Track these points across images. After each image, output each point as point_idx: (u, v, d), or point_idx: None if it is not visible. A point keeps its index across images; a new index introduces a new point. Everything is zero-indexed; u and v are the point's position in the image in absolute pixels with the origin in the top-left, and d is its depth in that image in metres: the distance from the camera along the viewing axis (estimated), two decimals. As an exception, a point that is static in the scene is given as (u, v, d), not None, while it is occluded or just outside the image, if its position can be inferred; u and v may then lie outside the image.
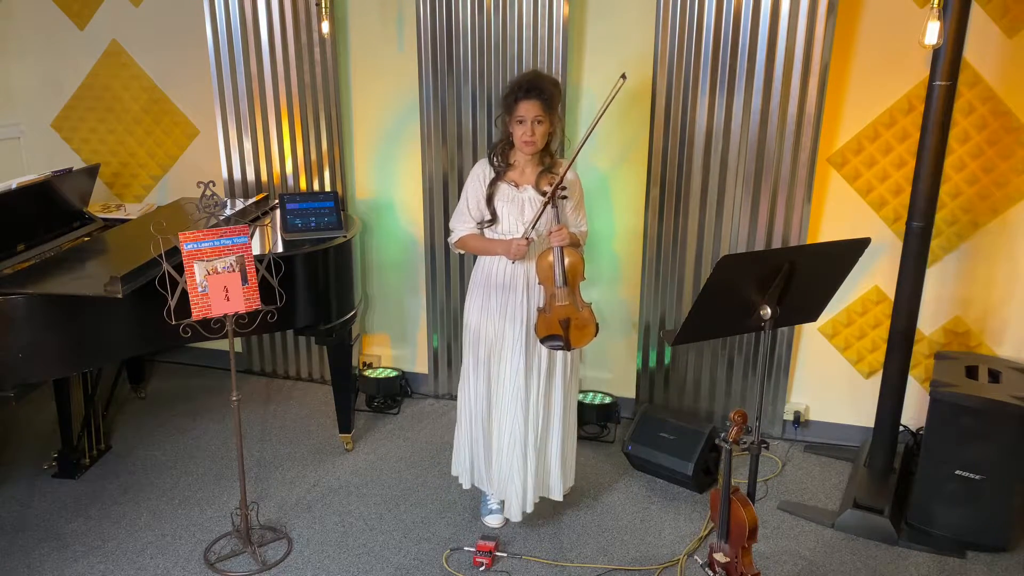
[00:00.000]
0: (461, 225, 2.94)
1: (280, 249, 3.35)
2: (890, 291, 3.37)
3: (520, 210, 2.85)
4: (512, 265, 2.86)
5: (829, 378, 3.78)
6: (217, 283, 2.75)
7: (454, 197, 3.90)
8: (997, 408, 2.94)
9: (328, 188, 4.09)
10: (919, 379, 3.61)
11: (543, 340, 2.84)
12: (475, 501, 3.31)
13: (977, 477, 2.99)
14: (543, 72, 2.96)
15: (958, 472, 3.02)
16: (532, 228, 2.78)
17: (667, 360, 3.89)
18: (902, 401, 3.30)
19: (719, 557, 2.52)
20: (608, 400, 3.95)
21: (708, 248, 3.68)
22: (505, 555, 3.00)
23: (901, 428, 3.40)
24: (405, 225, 4.14)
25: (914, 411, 3.56)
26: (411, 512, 3.28)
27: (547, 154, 2.89)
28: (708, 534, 3.14)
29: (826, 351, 3.76)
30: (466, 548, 3.04)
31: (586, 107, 3.73)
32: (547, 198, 2.73)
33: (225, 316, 2.80)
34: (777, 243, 3.57)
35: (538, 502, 3.09)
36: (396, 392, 4.20)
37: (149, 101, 4.32)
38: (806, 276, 2.40)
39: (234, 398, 2.93)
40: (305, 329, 3.50)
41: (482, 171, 2.90)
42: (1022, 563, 3.01)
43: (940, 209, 3.30)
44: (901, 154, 3.43)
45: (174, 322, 2.71)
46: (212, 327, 2.87)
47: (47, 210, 3.42)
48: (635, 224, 3.79)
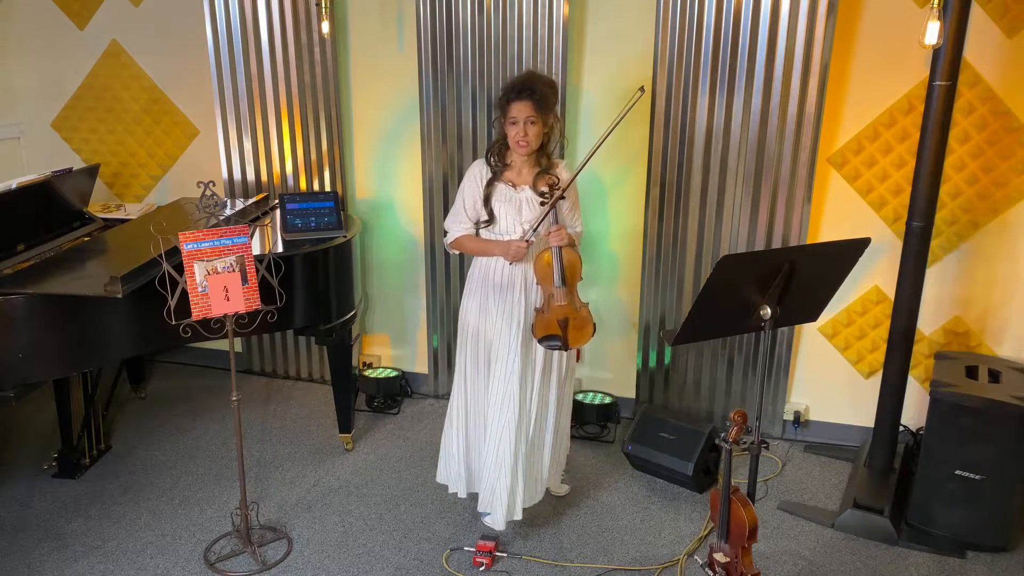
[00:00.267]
0: (457, 226, 2.92)
1: (280, 249, 3.35)
2: (890, 291, 3.37)
3: (517, 210, 2.85)
4: (510, 265, 2.86)
5: (829, 378, 3.78)
6: (217, 283, 2.75)
7: (454, 197, 3.88)
8: (997, 408, 2.94)
9: (328, 188, 4.09)
10: (919, 379, 3.61)
11: (541, 340, 2.84)
12: (475, 501, 3.30)
13: (977, 477, 2.99)
14: (539, 73, 2.95)
15: (958, 472, 3.02)
16: (533, 232, 2.78)
17: (667, 360, 3.89)
18: (902, 401, 3.30)
19: (719, 557, 2.52)
20: (608, 400, 3.94)
21: (708, 248, 3.68)
22: (505, 555, 3.00)
23: (901, 428, 3.40)
24: (405, 225, 4.14)
25: (914, 411, 3.56)
26: (411, 512, 3.28)
27: (543, 154, 2.88)
28: (708, 534, 3.14)
29: (826, 351, 3.76)
30: (466, 548, 3.04)
31: (586, 107, 3.73)
32: (551, 202, 2.74)
33: (225, 316, 2.80)
34: (777, 243, 3.57)
35: (528, 507, 3.04)
36: (396, 392, 4.20)
37: (149, 101, 4.32)
38: (806, 276, 2.40)
39: (234, 398, 2.93)
40: (305, 329, 3.50)
41: (479, 171, 2.90)
42: (1022, 563, 3.01)
43: (940, 209, 3.30)
44: (901, 154, 3.43)
45: (174, 322, 2.71)
46: (212, 327, 2.87)
47: (47, 210, 3.42)
48: (635, 224, 3.79)
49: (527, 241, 2.77)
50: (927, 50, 2.97)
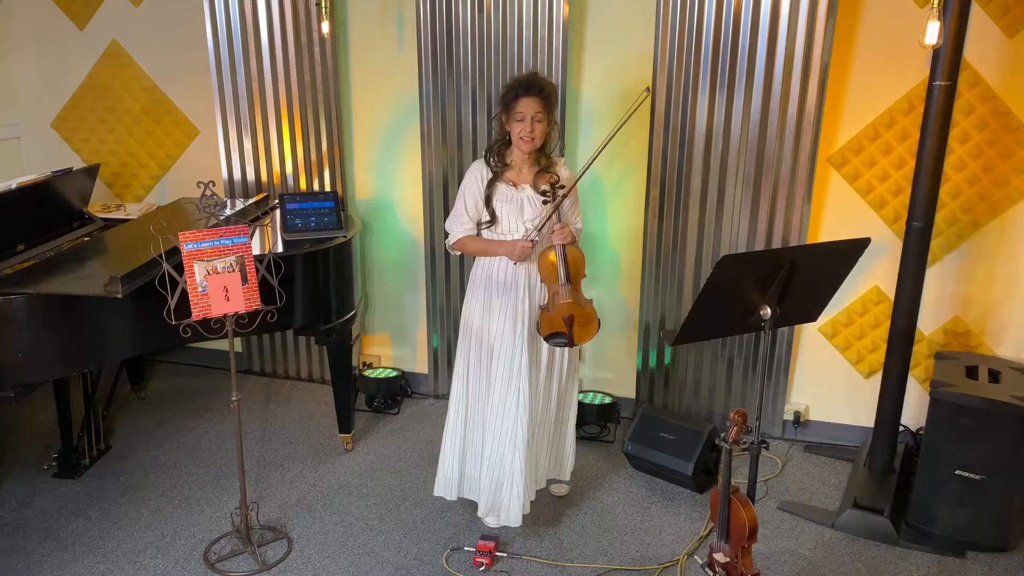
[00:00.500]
0: (459, 227, 2.92)
1: (280, 249, 3.35)
2: (890, 291, 3.37)
3: (519, 210, 2.85)
4: (510, 271, 2.87)
5: (829, 378, 3.78)
6: (217, 283, 2.75)
7: (454, 197, 3.88)
8: (997, 408, 2.94)
9: (328, 188, 4.09)
10: (919, 379, 3.61)
11: (547, 338, 2.85)
12: (468, 505, 3.31)
13: (977, 477, 2.99)
14: (539, 74, 2.98)
15: (958, 472, 3.02)
16: (537, 232, 2.79)
17: (667, 360, 3.89)
18: (902, 401, 3.30)
19: (719, 557, 2.52)
20: (608, 400, 3.95)
21: (708, 248, 3.68)
22: (505, 555, 3.00)
23: (901, 428, 3.40)
24: (405, 225, 4.14)
25: (914, 411, 3.57)
26: (411, 512, 3.28)
27: (543, 154, 2.89)
28: (708, 534, 3.14)
29: (826, 351, 3.76)
30: (466, 548, 3.04)
31: (586, 107, 3.73)
32: (556, 201, 2.75)
33: (225, 316, 2.80)
34: (777, 243, 3.57)
35: (533, 500, 3.06)
36: (396, 392, 4.20)
37: (149, 101, 4.32)
38: (806, 276, 2.40)
39: (234, 398, 2.93)
40: (305, 329, 3.50)
41: (479, 172, 2.90)
42: (1022, 563, 3.01)
43: (940, 209, 3.30)
44: (901, 154, 3.43)
45: (174, 322, 2.71)
46: (212, 327, 2.87)
47: (47, 210, 3.42)
48: (635, 224, 3.79)
49: (532, 241, 2.78)
50: (927, 50, 2.97)
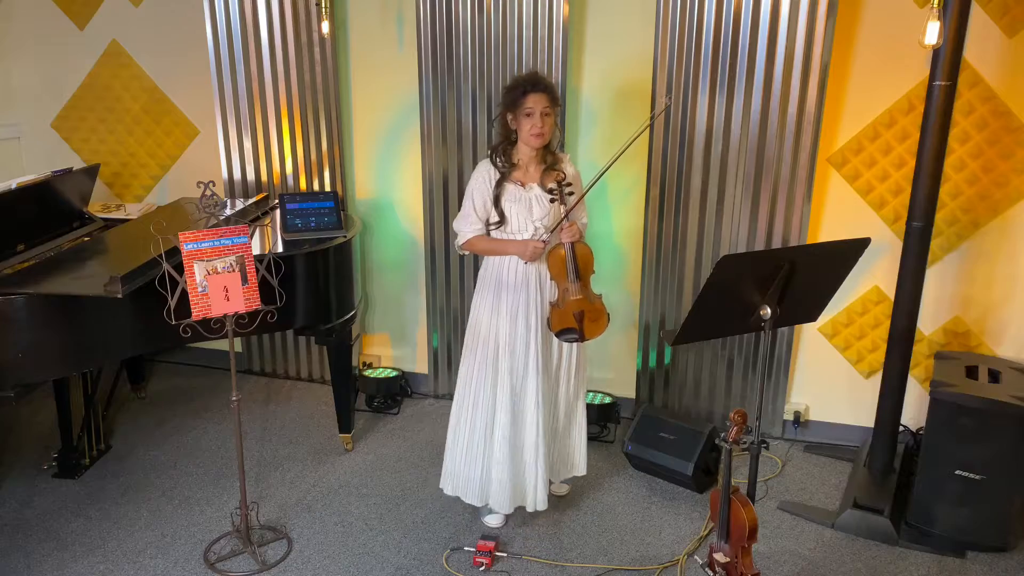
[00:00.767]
0: (468, 227, 2.93)
1: (280, 249, 3.35)
2: (890, 291, 3.37)
3: (528, 209, 2.87)
4: (521, 270, 2.89)
5: (829, 378, 3.78)
6: (217, 283, 2.75)
7: (454, 197, 3.90)
8: (997, 408, 2.94)
9: (328, 188, 4.09)
10: (919, 379, 3.61)
11: (558, 333, 2.89)
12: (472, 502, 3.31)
13: (977, 477, 2.99)
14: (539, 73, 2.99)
15: (958, 472, 3.02)
16: (550, 233, 2.82)
17: (667, 360, 3.89)
18: (902, 401, 3.30)
19: (719, 557, 2.52)
20: (608, 400, 3.94)
21: (708, 248, 3.68)
22: (505, 555, 3.00)
23: (901, 428, 3.40)
24: (405, 225, 4.14)
25: (914, 411, 3.57)
26: (411, 512, 3.28)
27: (548, 151, 2.92)
28: (708, 534, 3.14)
29: (826, 351, 3.76)
30: (466, 548, 3.04)
31: (586, 107, 3.73)
32: (570, 207, 2.79)
33: (225, 316, 2.80)
34: (777, 243, 3.57)
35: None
36: (396, 392, 4.20)
37: (149, 101, 4.32)
38: (806, 276, 2.40)
39: (234, 398, 2.93)
40: (305, 329, 3.50)
41: (487, 173, 2.91)
42: (1022, 563, 3.01)
43: (940, 209, 3.30)
44: (901, 154, 3.43)
45: (174, 322, 2.71)
46: (212, 327, 2.87)
47: (47, 210, 3.42)
48: (635, 224, 3.79)
49: (543, 241, 2.82)
50: (927, 50, 2.97)
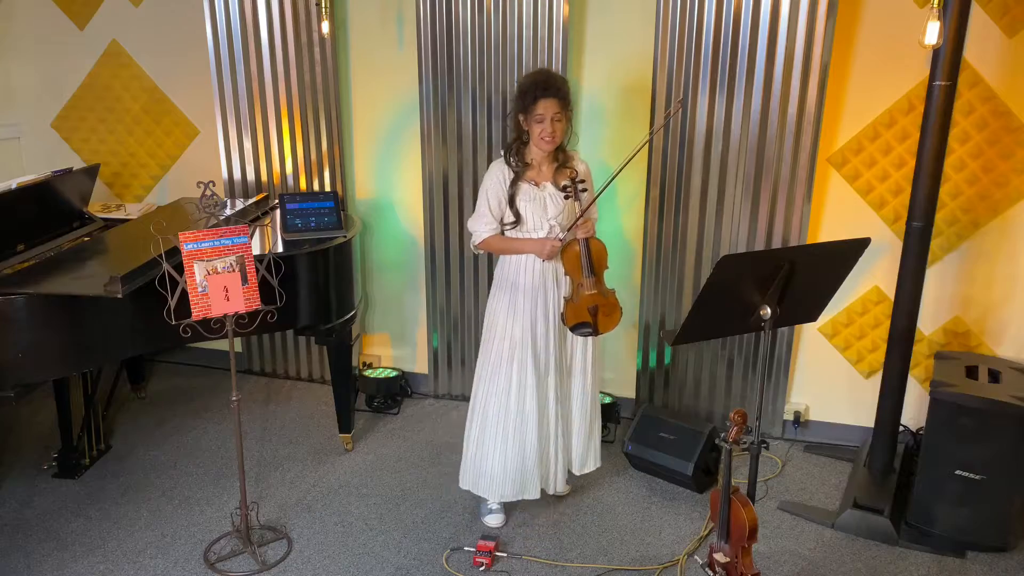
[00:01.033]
0: (484, 227, 2.96)
1: (280, 249, 3.35)
2: (890, 291, 3.37)
3: (543, 208, 2.91)
4: (540, 265, 2.93)
5: (829, 378, 3.78)
6: (217, 283, 2.75)
7: (454, 197, 3.90)
8: (997, 408, 2.94)
9: (328, 188, 4.09)
10: (919, 379, 3.61)
11: (573, 328, 2.95)
12: (475, 501, 3.31)
13: (977, 477, 2.99)
14: (551, 70, 3.00)
15: (958, 472, 3.02)
16: (567, 231, 2.86)
17: (667, 360, 3.89)
18: (902, 401, 3.30)
19: (719, 557, 2.52)
20: (608, 400, 3.94)
21: (708, 248, 3.68)
22: (505, 555, 3.00)
23: (901, 428, 3.40)
24: (405, 225, 4.14)
25: (914, 411, 3.57)
26: (411, 512, 3.28)
27: (560, 150, 2.95)
28: (708, 534, 3.14)
29: (826, 351, 3.76)
30: (466, 548, 3.04)
31: (586, 107, 3.73)
32: (585, 207, 2.84)
33: (225, 316, 2.80)
34: (777, 243, 3.57)
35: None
36: (396, 392, 4.20)
37: (149, 101, 4.32)
38: (806, 276, 2.40)
39: (234, 398, 2.93)
40: (305, 329, 3.50)
41: (500, 173, 2.94)
42: (1022, 563, 3.01)
43: (940, 209, 3.30)
44: (901, 154, 3.43)
45: (174, 322, 2.71)
46: (212, 327, 2.87)
47: (47, 210, 3.42)
48: (635, 224, 3.79)
49: (560, 239, 2.86)
50: (927, 50, 2.97)
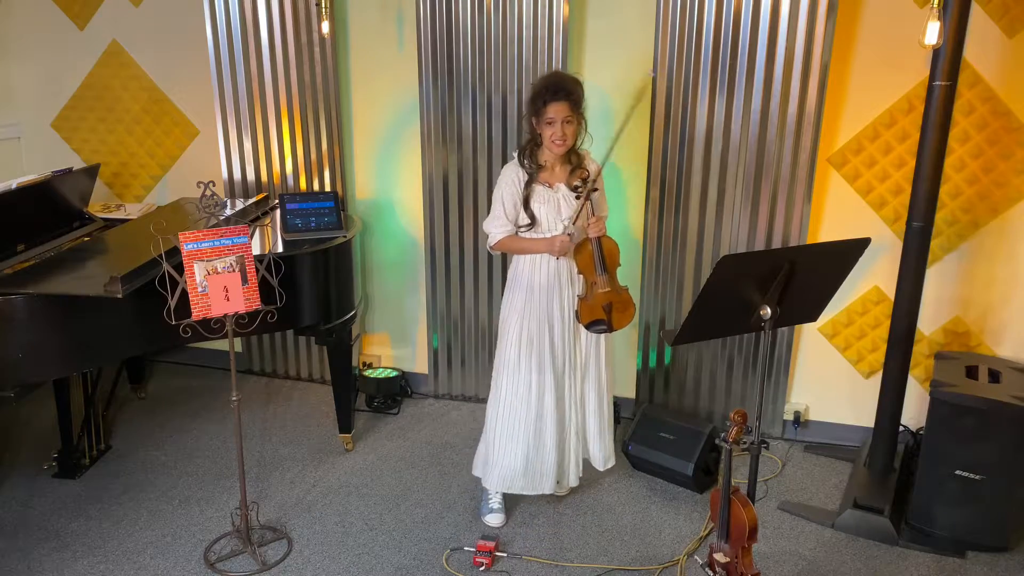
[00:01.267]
0: (498, 229, 2.99)
1: (280, 249, 3.35)
2: (890, 291, 3.37)
3: (557, 209, 2.95)
4: (553, 265, 2.96)
5: (829, 378, 3.78)
6: (217, 283, 2.75)
7: (454, 197, 3.90)
8: (997, 408, 2.94)
9: (328, 188, 4.09)
10: (919, 379, 3.61)
11: (587, 325, 2.98)
12: (475, 501, 3.31)
13: (977, 477, 2.99)
14: (564, 72, 3.00)
15: (958, 472, 3.02)
16: (572, 223, 2.89)
17: (667, 360, 3.89)
18: (902, 401, 3.30)
19: (719, 557, 2.52)
20: (608, 400, 3.95)
21: (708, 248, 3.68)
22: (505, 555, 3.01)
23: (901, 428, 3.40)
24: (405, 225, 4.14)
25: (914, 411, 3.56)
26: (411, 512, 3.28)
27: (573, 151, 2.97)
28: (708, 534, 3.14)
29: (826, 351, 3.76)
30: (466, 548, 3.04)
31: (586, 106, 3.71)
32: (584, 195, 2.86)
33: (225, 316, 2.80)
34: (777, 243, 3.57)
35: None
36: (396, 392, 4.20)
37: (149, 101, 4.32)
38: (806, 276, 2.40)
39: (234, 398, 2.93)
40: (305, 329, 3.49)
41: (514, 175, 2.97)
42: (1022, 563, 3.01)
43: (940, 209, 3.30)
44: (901, 154, 3.43)
45: (174, 322, 2.71)
46: (212, 327, 2.87)
47: (47, 210, 3.42)
48: (635, 224, 3.79)
49: (569, 235, 2.89)
50: (927, 50, 2.97)
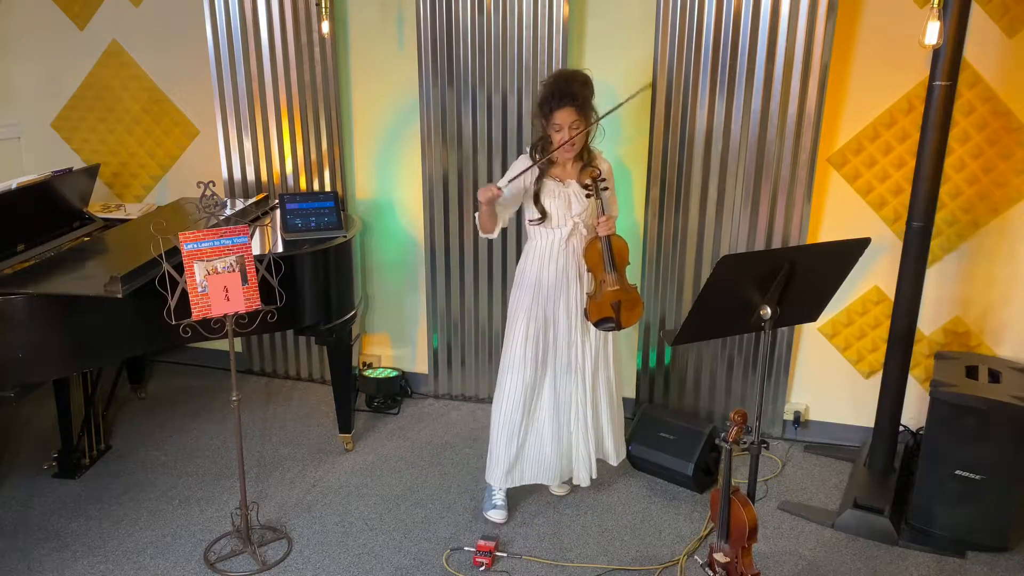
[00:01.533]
0: (499, 182, 3.00)
1: (280, 249, 3.35)
2: (890, 291, 3.37)
3: (567, 204, 2.96)
4: (561, 263, 2.99)
5: (829, 378, 3.78)
6: (217, 283, 2.75)
7: (454, 197, 3.90)
8: (997, 408, 2.94)
9: (328, 188, 4.09)
10: (919, 379, 3.61)
11: (596, 323, 3.00)
12: (475, 501, 3.31)
13: (977, 477, 2.99)
14: (571, 72, 2.95)
15: (958, 472, 3.02)
16: (507, 183, 2.89)
17: (667, 360, 3.89)
18: (902, 401, 3.30)
19: (719, 557, 2.52)
20: (608, 400, 3.95)
21: (708, 248, 3.68)
22: (505, 555, 3.01)
23: (901, 428, 3.40)
24: (405, 225, 4.14)
25: (914, 411, 3.56)
26: (411, 512, 3.28)
27: (585, 148, 2.99)
28: (708, 534, 3.14)
29: (826, 351, 3.76)
30: (466, 548, 3.04)
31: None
32: (595, 196, 2.90)
33: (225, 316, 2.80)
34: (777, 243, 3.57)
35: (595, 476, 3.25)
36: (396, 392, 4.20)
37: (149, 101, 4.32)
38: (806, 276, 2.40)
39: (234, 398, 2.93)
40: (305, 329, 3.50)
41: (528, 166, 2.97)
42: (1022, 563, 3.01)
43: (940, 209, 3.30)
44: (901, 154, 3.43)
45: (174, 322, 2.71)
46: (212, 327, 2.87)
47: (47, 210, 3.42)
48: (635, 224, 3.79)
49: (499, 188, 2.84)
50: (927, 50, 2.97)
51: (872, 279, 3.60)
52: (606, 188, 2.93)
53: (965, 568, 2.98)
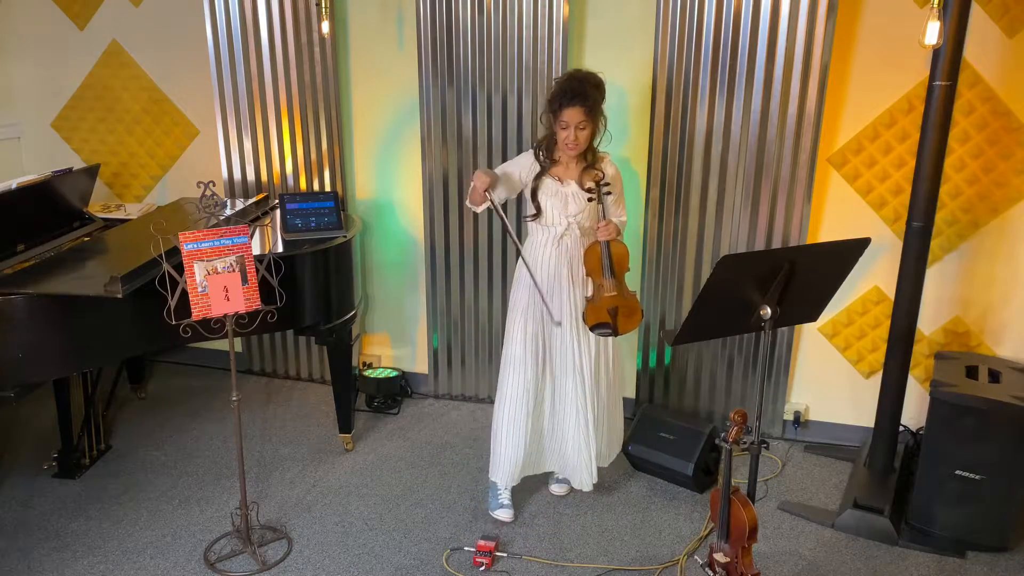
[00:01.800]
0: (498, 168, 3.06)
1: (280, 249, 3.35)
2: (890, 291, 3.37)
3: (564, 204, 2.96)
4: (553, 264, 2.99)
5: (829, 378, 3.78)
6: (217, 283, 2.75)
7: (454, 197, 3.90)
8: (997, 408, 2.94)
9: (328, 188, 4.09)
10: (919, 379, 3.61)
11: (592, 328, 3.00)
12: (475, 501, 3.31)
13: (977, 477, 2.99)
14: (584, 72, 2.95)
15: (958, 472, 3.02)
16: (494, 192, 2.92)
17: (667, 360, 3.89)
18: (902, 401, 3.30)
19: (719, 557, 2.52)
20: (608, 400, 3.95)
21: (708, 248, 3.68)
22: (505, 555, 3.01)
23: (901, 428, 3.40)
24: (405, 225, 4.14)
25: (914, 411, 3.56)
26: (411, 512, 3.28)
27: (590, 150, 2.99)
28: (708, 534, 3.14)
29: (826, 351, 3.76)
30: (466, 548, 3.04)
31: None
32: (596, 200, 2.89)
33: (225, 316, 2.80)
34: (777, 243, 3.57)
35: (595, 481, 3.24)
36: (396, 392, 4.20)
37: (149, 101, 4.32)
38: (806, 276, 2.40)
39: (234, 398, 2.93)
40: (305, 329, 3.50)
41: (529, 162, 3.02)
42: (1022, 563, 3.01)
43: (940, 209, 3.30)
44: (901, 154, 3.43)
45: (174, 322, 2.71)
46: (212, 327, 2.87)
47: (47, 210, 3.42)
48: (635, 224, 3.79)
49: (486, 191, 2.89)
50: (927, 50, 2.97)
51: (872, 279, 3.60)
52: (609, 192, 2.91)
53: (965, 568, 2.98)
